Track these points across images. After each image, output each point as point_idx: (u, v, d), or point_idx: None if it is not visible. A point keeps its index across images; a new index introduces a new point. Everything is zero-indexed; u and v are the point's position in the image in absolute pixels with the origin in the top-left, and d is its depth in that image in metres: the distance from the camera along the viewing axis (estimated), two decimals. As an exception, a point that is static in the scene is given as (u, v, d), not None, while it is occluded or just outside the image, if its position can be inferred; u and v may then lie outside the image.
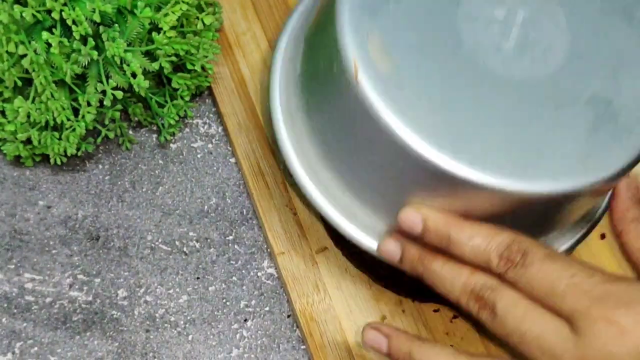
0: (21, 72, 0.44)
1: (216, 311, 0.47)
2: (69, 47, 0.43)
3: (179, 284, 0.48)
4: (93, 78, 0.46)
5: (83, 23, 0.42)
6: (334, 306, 0.47)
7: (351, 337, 0.46)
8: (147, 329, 0.47)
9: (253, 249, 0.49)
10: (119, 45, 0.43)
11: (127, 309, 0.47)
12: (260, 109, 0.51)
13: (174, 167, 0.51)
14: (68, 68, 0.44)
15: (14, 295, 0.47)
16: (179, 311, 0.47)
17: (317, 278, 0.47)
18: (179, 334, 0.47)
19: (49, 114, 0.45)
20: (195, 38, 0.47)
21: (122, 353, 0.46)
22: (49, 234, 0.49)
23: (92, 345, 0.46)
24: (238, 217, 0.50)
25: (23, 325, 0.46)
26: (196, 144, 0.52)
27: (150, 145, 0.51)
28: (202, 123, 0.52)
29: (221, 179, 0.51)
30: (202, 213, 0.50)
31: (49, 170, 0.50)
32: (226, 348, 0.47)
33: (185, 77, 0.49)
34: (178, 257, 0.49)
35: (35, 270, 0.48)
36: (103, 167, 0.51)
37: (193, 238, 0.49)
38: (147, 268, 0.48)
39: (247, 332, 0.47)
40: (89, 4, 0.43)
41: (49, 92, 0.44)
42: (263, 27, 0.53)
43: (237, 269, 0.49)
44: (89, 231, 0.49)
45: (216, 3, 0.51)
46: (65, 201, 0.49)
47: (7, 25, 0.42)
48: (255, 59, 0.52)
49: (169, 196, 0.50)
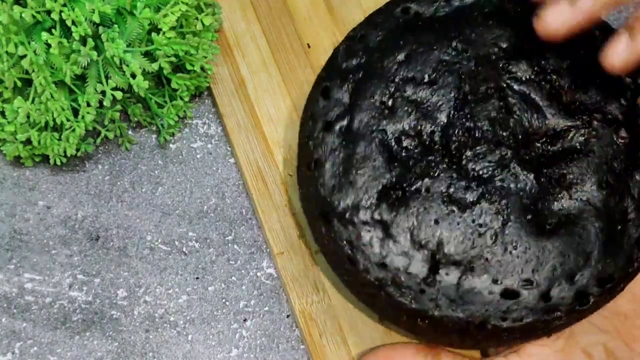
0: (21, 72, 0.44)
1: (215, 311, 0.48)
2: (68, 48, 0.43)
3: (179, 284, 0.48)
4: (93, 78, 0.46)
5: (82, 24, 0.43)
6: (333, 306, 0.47)
7: (350, 336, 0.46)
8: (147, 329, 0.47)
9: (252, 249, 0.49)
10: (118, 45, 0.43)
11: (126, 309, 0.47)
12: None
13: (174, 168, 0.51)
14: (68, 68, 0.44)
15: (13, 296, 0.47)
16: (178, 311, 0.47)
17: (317, 278, 0.47)
18: (179, 334, 0.47)
19: (49, 115, 0.45)
20: (195, 39, 0.47)
21: (122, 353, 0.46)
22: (48, 234, 0.49)
23: (91, 345, 0.46)
24: (237, 217, 0.50)
25: (23, 325, 0.46)
26: (195, 145, 0.52)
27: (149, 145, 0.51)
28: (201, 123, 0.52)
29: (220, 179, 0.51)
30: (201, 213, 0.50)
31: (48, 170, 0.50)
32: (225, 348, 0.47)
33: (185, 78, 0.49)
34: (177, 257, 0.49)
35: (35, 270, 0.48)
36: (103, 167, 0.51)
37: (192, 238, 0.49)
38: (147, 268, 0.48)
39: (247, 332, 0.47)
40: (88, 4, 0.43)
41: (48, 92, 0.44)
42: (262, 27, 0.53)
43: (236, 269, 0.49)
44: (88, 231, 0.49)
45: (215, 4, 0.51)
46: (64, 201, 0.49)
47: (6, 26, 0.42)
48: (255, 59, 0.53)
49: (169, 196, 0.50)
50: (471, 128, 0.41)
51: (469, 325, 0.39)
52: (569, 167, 0.41)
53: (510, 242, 0.39)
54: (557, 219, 0.40)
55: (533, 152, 0.41)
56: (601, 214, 0.40)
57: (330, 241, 0.41)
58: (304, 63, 0.52)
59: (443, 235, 0.39)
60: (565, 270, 0.39)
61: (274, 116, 0.51)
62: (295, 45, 0.53)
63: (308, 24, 0.53)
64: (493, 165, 0.41)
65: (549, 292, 0.39)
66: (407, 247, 0.39)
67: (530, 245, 0.39)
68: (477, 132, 0.41)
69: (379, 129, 0.41)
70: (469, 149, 0.41)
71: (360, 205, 0.40)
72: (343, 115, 0.42)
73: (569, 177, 0.40)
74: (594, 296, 0.39)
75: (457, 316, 0.39)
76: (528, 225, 0.39)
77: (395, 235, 0.39)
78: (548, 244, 0.39)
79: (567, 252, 0.39)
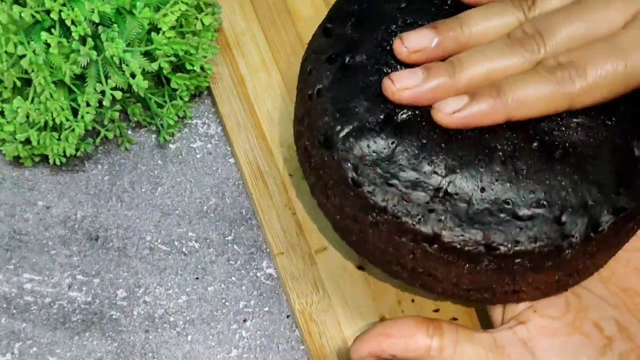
0: (20, 72, 0.44)
1: (215, 311, 0.48)
2: (68, 48, 0.43)
3: (178, 284, 0.48)
4: (92, 78, 0.46)
5: (82, 23, 0.42)
6: (333, 306, 0.47)
7: (350, 336, 0.46)
8: (147, 329, 0.47)
9: (252, 249, 0.49)
10: (118, 45, 0.43)
11: (126, 309, 0.47)
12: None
13: (173, 168, 0.51)
14: (67, 68, 0.44)
15: (13, 296, 0.47)
16: (178, 311, 0.47)
17: (316, 278, 0.47)
18: (178, 334, 0.47)
19: (48, 114, 0.45)
20: (195, 38, 0.47)
21: (122, 353, 0.46)
22: (48, 234, 0.49)
23: (91, 345, 0.46)
24: (237, 217, 0.50)
25: (22, 325, 0.46)
26: (195, 144, 0.52)
27: (149, 145, 0.51)
28: (201, 123, 0.52)
29: (220, 179, 0.51)
30: (201, 213, 0.50)
31: (48, 170, 0.50)
32: (225, 348, 0.47)
33: (185, 78, 0.49)
34: (177, 257, 0.49)
35: (35, 270, 0.48)
36: (102, 167, 0.51)
37: (192, 238, 0.49)
38: (146, 268, 0.48)
39: (246, 332, 0.47)
40: (87, 4, 0.43)
41: (48, 92, 0.44)
42: (262, 27, 0.53)
43: (236, 269, 0.49)
44: (88, 231, 0.49)
45: (215, 3, 0.51)
46: (64, 201, 0.49)
47: (6, 26, 0.42)
48: (255, 59, 0.52)
49: (168, 196, 0.50)
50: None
51: (480, 247, 0.37)
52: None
53: (520, 166, 0.38)
54: (565, 149, 0.39)
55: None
56: (612, 144, 0.39)
57: (332, 168, 0.40)
58: (304, 63, 0.52)
59: (452, 156, 0.38)
60: (578, 197, 0.38)
61: (274, 116, 0.51)
62: (295, 45, 0.53)
63: (308, 24, 0.53)
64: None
65: (562, 216, 0.38)
66: (414, 167, 0.38)
67: (542, 170, 0.38)
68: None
69: (382, 62, 0.41)
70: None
71: (366, 127, 0.39)
72: (346, 50, 0.42)
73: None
74: (607, 224, 0.38)
75: (467, 237, 0.37)
76: (537, 151, 0.39)
77: (402, 157, 0.38)
78: (558, 170, 0.38)
79: (579, 180, 0.38)
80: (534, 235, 0.37)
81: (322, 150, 0.40)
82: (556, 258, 0.38)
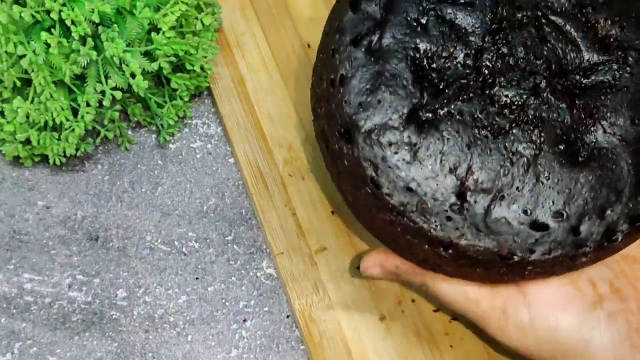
0: (20, 72, 0.44)
1: (215, 311, 0.47)
2: (68, 48, 0.43)
3: (178, 284, 0.48)
4: (92, 78, 0.46)
5: (82, 23, 0.42)
6: (333, 306, 0.47)
7: (350, 336, 0.46)
8: (147, 330, 0.47)
9: (252, 249, 0.49)
10: (118, 45, 0.43)
11: (126, 309, 0.47)
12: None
13: (173, 168, 0.51)
14: (67, 68, 0.44)
15: (13, 296, 0.47)
16: (178, 311, 0.47)
17: (316, 278, 0.47)
18: (178, 334, 0.47)
19: (48, 114, 0.45)
20: (195, 38, 0.47)
21: (122, 353, 0.46)
22: (48, 234, 0.49)
23: (91, 345, 0.46)
24: (237, 217, 0.50)
25: (22, 325, 0.46)
26: (195, 144, 0.52)
27: (149, 145, 0.51)
28: (201, 123, 0.52)
29: (220, 179, 0.51)
30: (201, 213, 0.50)
31: (48, 170, 0.50)
32: (225, 348, 0.47)
33: (185, 78, 0.49)
34: (177, 258, 0.49)
35: (35, 270, 0.48)
36: (102, 167, 0.51)
37: (192, 238, 0.49)
38: (146, 268, 0.48)
39: (246, 332, 0.47)
40: (88, 4, 0.43)
41: (48, 92, 0.44)
42: (262, 27, 0.53)
43: (236, 269, 0.49)
44: (88, 231, 0.49)
45: (215, 3, 0.51)
46: (64, 201, 0.49)
47: (6, 26, 0.42)
48: (255, 59, 0.52)
49: (168, 196, 0.50)
50: (505, 54, 0.40)
51: (495, 256, 0.37)
52: (603, 100, 0.40)
53: (543, 172, 0.38)
54: (590, 151, 0.39)
55: (566, 82, 0.40)
56: (634, 150, 0.39)
57: (351, 162, 0.39)
58: (304, 63, 0.52)
59: (474, 161, 0.38)
60: (597, 205, 0.38)
61: (274, 116, 0.51)
62: (296, 45, 0.53)
63: (308, 24, 0.53)
64: (526, 92, 0.39)
65: (579, 226, 0.38)
66: (435, 171, 0.38)
67: (563, 176, 0.38)
68: (511, 58, 0.40)
69: (410, 46, 0.40)
70: (502, 75, 0.40)
71: (388, 125, 0.38)
72: (373, 29, 0.40)
73: (603, 110, 0.39)
74: (622, 233, 0.38)
75: (483, 246, 0.37)
76: (561, 155, 0.38)
77: (424, 159, 0.38)
78: (580, 176, 0.38)
79: (599, 186, 0.38)
80: (549, 247, 0.37)
81: (342, 142, 0.39)
82: (569, 264, 0.38)
